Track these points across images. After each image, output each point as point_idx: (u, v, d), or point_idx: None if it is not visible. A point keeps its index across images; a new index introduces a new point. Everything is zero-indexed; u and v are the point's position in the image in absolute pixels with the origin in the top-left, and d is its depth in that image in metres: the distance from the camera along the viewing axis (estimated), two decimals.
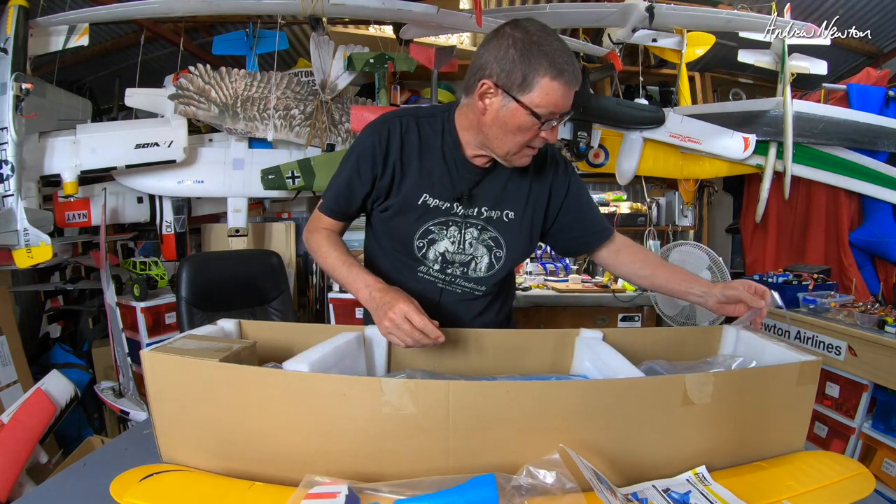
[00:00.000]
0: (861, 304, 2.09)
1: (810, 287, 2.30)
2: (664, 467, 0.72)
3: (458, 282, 1.13)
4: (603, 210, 3.38)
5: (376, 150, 1.05)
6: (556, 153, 1.18)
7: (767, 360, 0.88)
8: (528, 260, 3.34)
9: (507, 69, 0.91)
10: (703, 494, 0.67)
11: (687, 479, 0.70)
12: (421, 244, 1.10)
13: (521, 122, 0.93)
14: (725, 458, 0.75)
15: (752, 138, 2.78)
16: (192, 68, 2.57)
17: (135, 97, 2.65)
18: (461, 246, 1.10)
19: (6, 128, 2.09)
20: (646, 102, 3.00)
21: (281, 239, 3.27)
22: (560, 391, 0.69)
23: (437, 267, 1.12)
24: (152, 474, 0.70)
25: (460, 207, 1.08)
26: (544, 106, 0.91)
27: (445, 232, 1.09)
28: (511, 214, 1.11)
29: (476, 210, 1.09)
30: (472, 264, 1.12)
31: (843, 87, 2.86)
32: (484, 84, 0.94)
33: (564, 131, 2.97)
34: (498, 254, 1.12)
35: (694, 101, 3.26)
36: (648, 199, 3.33)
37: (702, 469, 0.71)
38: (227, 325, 0.99)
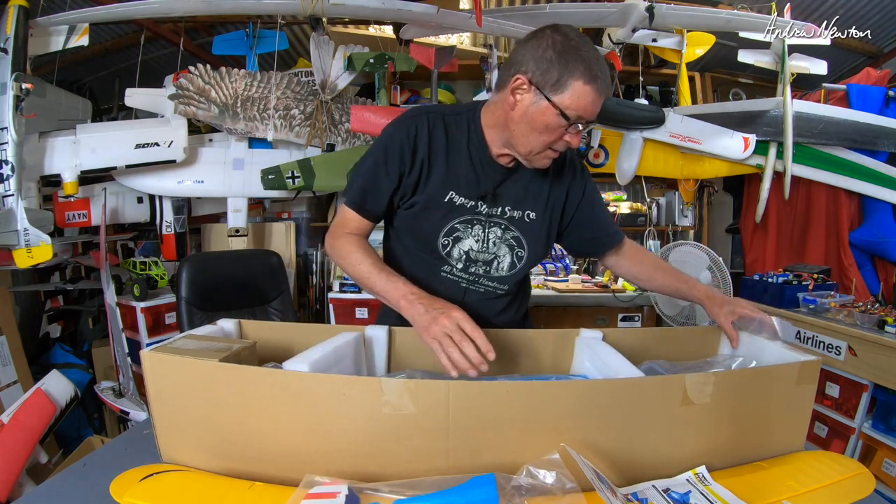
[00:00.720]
0: (861, 304, 2.08)
1: (810, 287, 2.30)
2: (664, 467, 0.72)
3: (482, 281, 1.13)
4: None
5: (404, 147, 1.04)
6: (575, 157, 1.19)
7: (767, 360, 0.88)
8: None
9: (543, 68, 0.92)
10: (703, 494, 0.66)
11: (687, 480, 0.70)
12: (446, 242, 1.09)
13: (549, 122, 0.95)
14: (726, 457, 0.75)
15: (752, 138, 2.78)
16: (192, 68, 2.57)
17: (135, 97, 2.65)
18: (485, 245, 1.10)
19: (6, 128, 2.09)
20: (646, 102, 3.00)
21: (281, 239, 3.27)
22: (560, 391, 0.69)
23: (460, 266, 1.11)
24: (152, 474, 0.70)
25: (484, 206, 1.08)
26: (574, 109, 0.93)
27: (470, 230, 1.09)
28: (532, 215, 1.12)
29: (500, 209, 1.10)
30: (495, 263, 1.12)
31: (843, 87, 2.86)
32: (518, 79, 0.95)
33: None
34: (520, 253, 1.12)
35: (694, 101, 3.26)
36: (648, 199, 3.33)
37: (702, 469, 0.71)
38: (226, 325, 0.99)
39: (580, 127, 0.96)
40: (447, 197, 1.06)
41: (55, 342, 3.03)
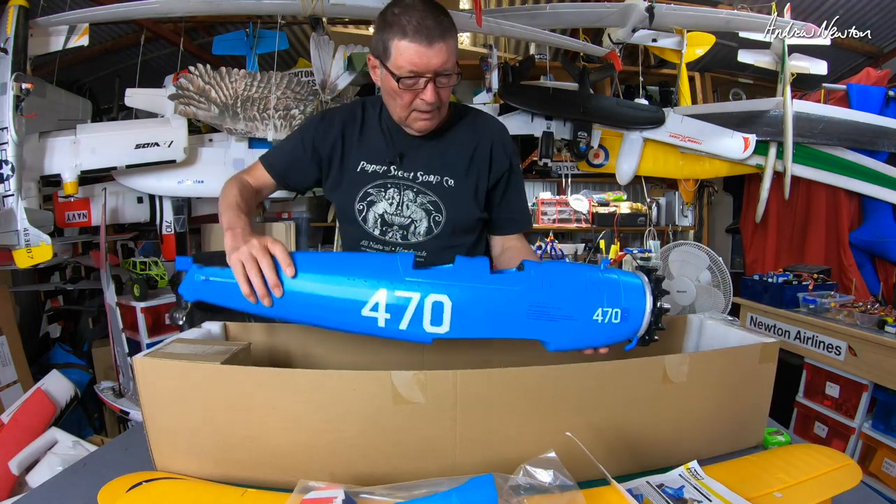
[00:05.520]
0: (861, 304, 2.08)
1: (810, 287, 2.30)
2: (650, 446, 0.80)
3: (399, 249, 1.14)
4: (603, 210, 3.39)
5: (318, 127, 1.15)
6: (503, 137, 1.19)
7: (731, 344, 0.95)
8: None
9: (376, 42, 1.00)
10: (696, 489, 0.68)
11: (680, 475, 0.72)
12: (361, 207, 1.13)
13: (392, 86, 0.99)
14: (703, 431, 0.85)
15: (752, 138, 2.79)
16: (192, 68, 2.57)
17: (135, 97, 2.65)
18: (399, 208, 1.13)
19: (6, 128, 2.09)
20: (646, 102, 3.01)
21: (281, 239, 3.27)
22: (560, 374, 0.74)
23: (377, 232, 1.13)
24: (141, 482, 0.68)
25: (396, 170, 1.12)
26: (404, 66, 0.96)
27: (384, 193, 1.13)
28: (451, 182, 1.13)
29: (412, 174, 1.12)
30: (412, 228, 1.13)
31: (843, 87, 2.86)
32: (370, 59, 1.05)
33: (564, 131, 2.97)
34: (437, 218, 1.13)
35: (694, 101, 3.27)
36: (648, 199, 3.33)
37: (693, 464, 0.72)
38: (212, 327, 0.98)
39: (420, 82, 0.97)
40: (359, 167, 1.13)
41: (55, 342, 3.03)
